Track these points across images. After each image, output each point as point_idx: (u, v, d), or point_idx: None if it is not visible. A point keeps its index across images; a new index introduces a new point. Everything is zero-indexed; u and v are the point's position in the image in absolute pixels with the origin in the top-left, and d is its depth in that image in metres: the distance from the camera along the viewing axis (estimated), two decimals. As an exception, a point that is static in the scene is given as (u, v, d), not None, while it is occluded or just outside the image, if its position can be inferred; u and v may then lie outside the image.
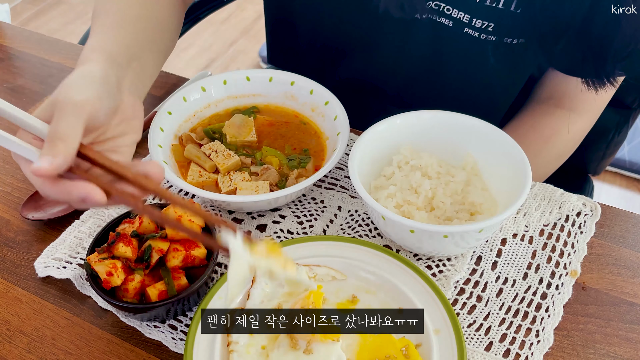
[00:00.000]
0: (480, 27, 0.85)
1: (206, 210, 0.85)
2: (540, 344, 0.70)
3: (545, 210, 0.84)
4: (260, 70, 0.98)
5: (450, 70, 0.96)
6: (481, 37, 0.86)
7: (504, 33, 0.85)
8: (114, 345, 0.72)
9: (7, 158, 0.96)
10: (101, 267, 0.69)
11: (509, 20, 0.83)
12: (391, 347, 0.66)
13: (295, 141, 0.92)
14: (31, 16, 3.27)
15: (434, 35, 0.91)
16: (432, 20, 0.89)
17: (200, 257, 0.72)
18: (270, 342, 0.67)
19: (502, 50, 0.87)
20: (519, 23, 0.83)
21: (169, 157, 0.87)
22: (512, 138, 0.80)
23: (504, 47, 0.87)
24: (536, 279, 0.76)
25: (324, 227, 0.83)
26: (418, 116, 0.85)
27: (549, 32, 0.82)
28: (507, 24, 0.84)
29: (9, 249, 0.82)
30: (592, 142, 1.21)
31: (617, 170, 2.28)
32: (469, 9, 0.85)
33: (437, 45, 0.93)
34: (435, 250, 0.76)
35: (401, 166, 0.83)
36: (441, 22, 0.89)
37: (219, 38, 3.09)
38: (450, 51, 0.93)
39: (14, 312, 0.75)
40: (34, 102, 1.06)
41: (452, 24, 0.88)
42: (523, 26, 0.83)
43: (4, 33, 1.24)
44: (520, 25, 0.83)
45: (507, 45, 0.86)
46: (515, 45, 0.86)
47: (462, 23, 0.87)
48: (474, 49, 0.89)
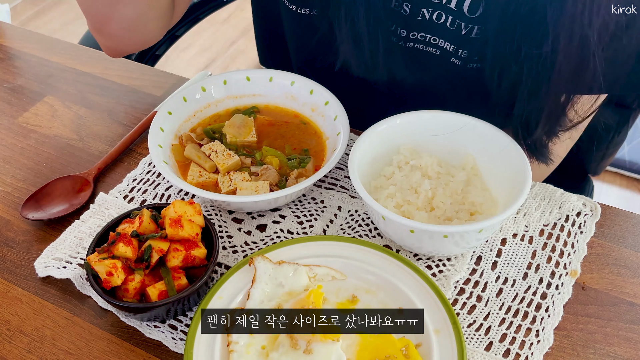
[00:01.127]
0: (466, 57, 0.86)
1: (206, 210, 0.85)
2: (540, 344, 0.70)
3: (545, 210, 0.84)
4: (261, 70, 0.98)
5: (439, 94, 0.97)
6: (468, 66, 0.87)
7: (488, 61, 0.85)
8: (114, 345, 0.72)
9: (7, 158, 0.96)
10: (101, 267, 0.69)
11: (489, 50, 0.83)
12: (391, 347, 0.66)
13: (295, 141, 0.92)
14: (31, 16, 3.27)
15: (423, 62, 0.91)
16: (418, 50, 0.90)
17: (200, 257, 0.72)
18: (270, 342, 0.67)
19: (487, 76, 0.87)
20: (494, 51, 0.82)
21: (169, 157, 0.87)
22: (510, 138, 0.81)
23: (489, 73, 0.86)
24: (536, 279, 0.76)
25: (324, 227, 0.83)
26: (418, 116, 0.85)
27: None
28: (488, 53, 0.84)
29: (9, 249, 0.82)
30: (592, 142, 1.21)
31: (617, 170, 2.28)
32: (453, 39, 0.85)
33: (426, 70, 0.93)
34: (435, 250, 0.76)
35: (401, 166, 0.83)
36: (429, 52, 0.89)
37: (219, 38, 3.09)
38: (440, 76, 0.93)
39: (14, 312, 0.75)
40: (34, 102, 1.06)
41: (440, 52, 0.88)
42: (499, 55, 0.82)
43: (4, 33, 1.24)
44: (494, 53, 0.83)
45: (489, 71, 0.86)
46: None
47: (449, 53, 0.87)
48: (463, 77, 0.89)
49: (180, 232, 0.72)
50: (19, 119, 1.03)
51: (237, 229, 0.83)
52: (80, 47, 1.21)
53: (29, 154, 0.96)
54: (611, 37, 0.74)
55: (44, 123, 1.02)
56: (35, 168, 0.94)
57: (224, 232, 0.83)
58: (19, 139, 0.99)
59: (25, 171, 0.94)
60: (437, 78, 0.94)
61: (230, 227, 0.84)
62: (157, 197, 0.88)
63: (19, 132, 1.01)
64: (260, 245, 0.82)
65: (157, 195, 0.88)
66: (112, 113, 1.04)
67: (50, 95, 1.08)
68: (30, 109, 1.06)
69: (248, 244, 0.82)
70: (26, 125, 1.02)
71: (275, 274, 0.72)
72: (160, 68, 1.26)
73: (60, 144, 0.98)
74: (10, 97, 1.08)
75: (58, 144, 0.98)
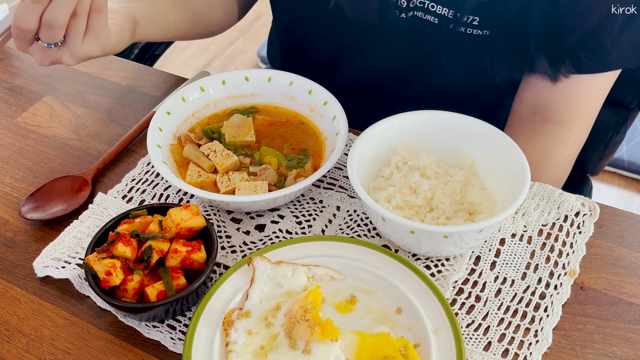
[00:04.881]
0: (466, 21, 0.86)
1: (204, 210, 0.85)
2: (538, 344, 0.70)
3: (544, 210, 0.84)
4: (259, 70, 0.98)
5: (441, 67, 0.97)
6: (467, 31, 0.86)
7: (488, 26, 0.85)
8: (112, 345, 0.72)
9: (6, 158, 0.96)
10: (100, 266, 0.69)
11: (484, 12, 0.84)
12: (390, 347, 0.66)
13: (294, 141, 0.92)
14: (30, 16, 3.26)
15: (420, 34, 0.92)
16: (418, 18, 0.90)
17: (200, 261, 0.72)
18: (268, 342, 0.67)
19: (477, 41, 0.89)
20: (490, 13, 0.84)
21: (168, 157, 0.87)
22: (509, 137, 0.81)
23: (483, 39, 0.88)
24: (535, 279, 0.76)
25: (323, 227, 0.83)
26: (416, 116, 0.85)
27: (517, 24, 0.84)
28: (484, 15, 0.85)
29: (8, 249, 0.82)
30: (591, 142, 1.21)
31: (616, 170, 2.28)
32: (453, 4, 0.85)
33: (424, 44, 0.93)
34: (434, 250, 0.76)
35: (399, 167, 0.83)
36: (427, 20, 0.89)
37: (218, 38, 3.09)
38: (439, 49, 0.93)
39: (12, 312, 0.75)
40: (32, 102, 1.06)
41: (438, 20, 0.88)
42: (494, 18, 0.84)
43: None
44: (492, 16, 0.84)
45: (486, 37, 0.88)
46: (486, 37, 0.88)
47: (447, 20, 0.87)
48: (461, 45, 0.89)
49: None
50: (17, 119, 1.03)
51: (235, 229, 0.83)
52: (79, 47, 1.21)
53: (28, 154, 0.96)
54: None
55: (43, 123, 1.02)
56: (33, 168, 0.94)
57: (223, 232, 0.83)
58: (17, 139, 0.99)
59: (24, 171, 0.93)
60: (437, 49, 0.94)
61: (229, 227, 0.84)
62: (155, 197, 0.88)
63: (18, 132, 1.01)
64: (259, 245, 0.82)
65: (156, 195, 0.88)
66: (111, 113, 1.04)
67: (49, 95, 1.08)
68: (29, 109, 1.06)
69: (247, 244, 0.82)
70: (25, 125, 1.02)
71: (274, 274, 0.72)
72: (159, 68, 1.26)
73: (59, 144, 0.98)
74: (8, 97, 1.08)
75: (57, 144, 0.98)
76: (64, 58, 0.81)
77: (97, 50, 0.82)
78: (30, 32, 0.76)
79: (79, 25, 0.77)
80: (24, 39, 0.77)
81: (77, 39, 0.79)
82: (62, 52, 0.80)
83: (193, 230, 0.74)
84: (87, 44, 0.80)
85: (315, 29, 1.06)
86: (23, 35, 0.76)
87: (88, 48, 0.81)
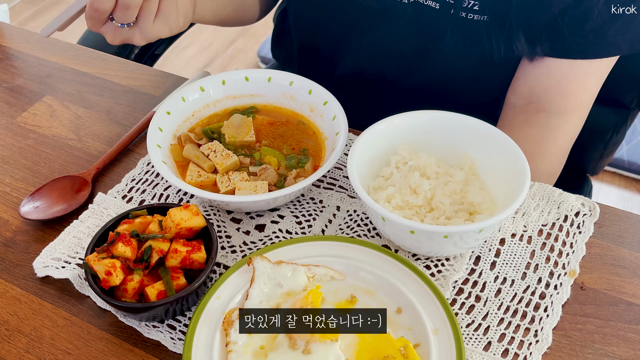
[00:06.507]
0: (467, 6, 0.86)
1: (204, 210, 0.85)
2: (538, 343, 0.70)
3: (543, 210, 0.84)
4: (259, 70, 0.98)
5: (443, 54, 0.96)
6: (469, 17, 0.86)
7: (487, 11, 0.85)
8: (112, 345, 0.72)
9: (6, 158, 0.96)
10: (100, 266, 0.69)
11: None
12: (390, 347, 0.66)
13: (294, 141, 0.92)
14: (30, 16, 3.27)
15: (422, 20, 0.92)
16: (419, 4, 0.90)
17: (200, 261, 0.72)
18: (268, 343, 0.67)
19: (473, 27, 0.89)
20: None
21: (168, 157, 0.87)
22: (509, 137, 0.80)
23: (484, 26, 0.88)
24: (535, 279, 0.76)
25: (323, 227, 0.83)
26: (416, 116, 0.85)
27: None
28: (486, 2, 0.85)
29: (8, 249, 0.82)
30: (591, 142, 1.21)
31: (616, 170, 2.28)
32: None
33: (426, 29, 0.93)
34: (434, 250, 0.76)
35: (399, 167, 0.83)
36: (428, 5, 0.89)
37: (218, 38, 3.09)
38: (440, 34, 0.93)
39: (12, 312, 0.75)
40: (32, 102, 1.06)
41: (439, 6, 0.88)
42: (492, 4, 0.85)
43: (3, 33, 1.24)
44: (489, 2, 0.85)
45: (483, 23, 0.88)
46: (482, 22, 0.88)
47: (449, 5, 0.87)
48: (463, 31, 0.89)
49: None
50: (17, 119, 1.03)
51: (235, 229, 0.83)
52: (78, 47, 1.21)
53: (28, 154, 0.96)
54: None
55: (43, 123, 1.02)
56: (33, 168, 0.94)
57: (223, 232, 0.83)
58: (17, 139, 0.99)
59: (24, 171, 0.93)
60: (439, 35, 0.95)
61: (228, 227, 0.84)
62: (155, 197, 0.88)
63: (18, 132, 1.01)
64: (258, 245, 0.82)
65: (156, 195, 0.88)
66: (111, 113, 1.04)
67: (49, 95, 1.08)
68: (28, 109, 1.06)
69: (247, 244, 0.82)
70: (25, 125, 1.02)
71: (274, 274, 0.72)
72: (159, 67, 1.26)
73: (58, 144, 0.98)
74: (8, 97, 1.08)
75: (57, 144, 0.98)
76: (135, 38, 0.84)
77: (165, 31, 0.86)
78: (105, 12, 0.80)
79: (151, 7, 0.81)
80: (98, 19, 0.81)
81: (149, 20, 0.83)
82: (134, 32, 0.84)
83: (193, 230, 0.74)
84: (157, 25, 0.84)
85: (318, 17, 1.07)
86: (98, 15, 0.80)
87: (158, 29, 0.84)
